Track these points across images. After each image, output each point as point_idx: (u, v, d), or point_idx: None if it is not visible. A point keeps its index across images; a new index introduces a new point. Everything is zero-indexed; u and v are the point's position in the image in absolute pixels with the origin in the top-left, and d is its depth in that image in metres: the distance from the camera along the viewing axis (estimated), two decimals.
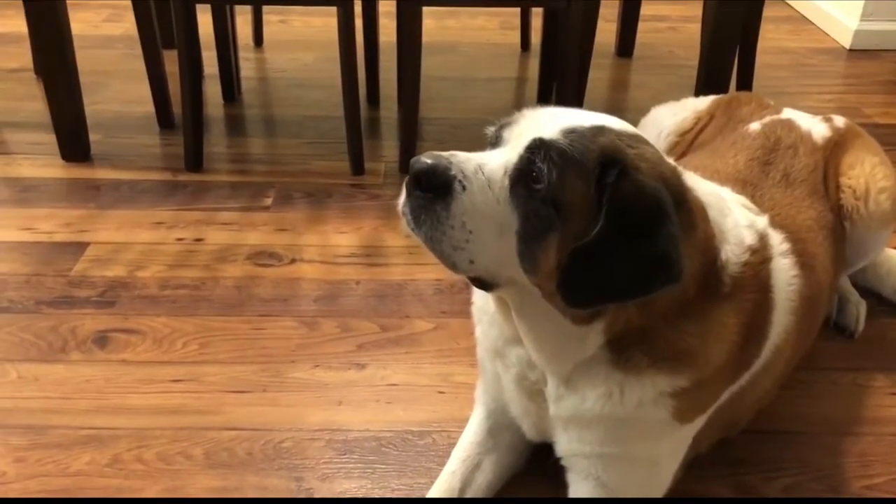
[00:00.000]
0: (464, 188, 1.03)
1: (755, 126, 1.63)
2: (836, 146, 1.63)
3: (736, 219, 1.23)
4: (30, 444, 1.49)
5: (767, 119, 1.66)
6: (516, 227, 1.04)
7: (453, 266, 1.06)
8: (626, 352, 1.13)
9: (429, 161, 1.03)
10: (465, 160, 1.05)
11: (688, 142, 1.78)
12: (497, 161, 1.06)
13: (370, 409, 1.59)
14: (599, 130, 1.07)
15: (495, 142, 1.13)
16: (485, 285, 1.12)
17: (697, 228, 1.10)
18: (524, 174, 1.04)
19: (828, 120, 1.69)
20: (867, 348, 1.78)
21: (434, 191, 1.03)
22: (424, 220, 1.04)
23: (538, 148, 1.03)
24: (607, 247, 1.01)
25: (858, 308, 1.82)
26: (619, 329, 1.11)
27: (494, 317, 1.26)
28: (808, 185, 1.51)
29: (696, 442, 1.31)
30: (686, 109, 1.86)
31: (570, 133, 1.05)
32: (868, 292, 1.91)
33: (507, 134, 1.11)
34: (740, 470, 1.47)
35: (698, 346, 1.14)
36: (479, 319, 1.33)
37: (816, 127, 1.65)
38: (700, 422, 1.27)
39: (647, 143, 1.12)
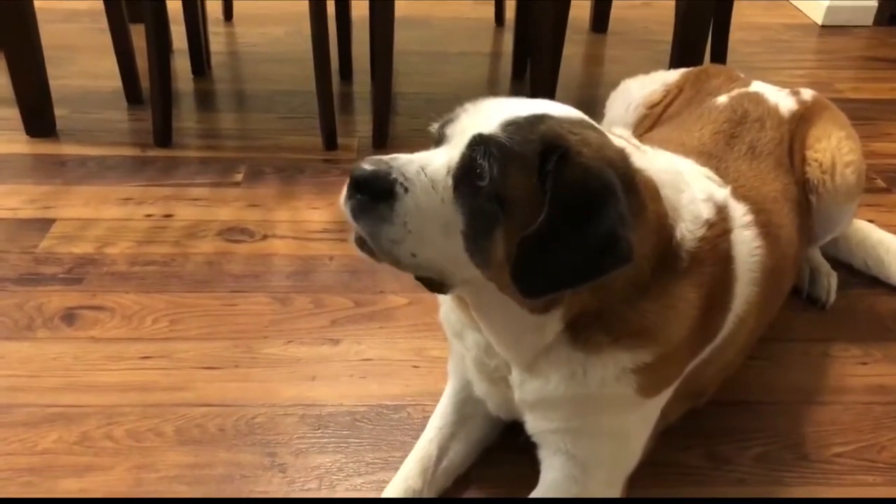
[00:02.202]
0: (406, 190, 1.02)
1: (723, 99, 1.63)
2: (803, 119, 1.64)
3: (693, 194, 1.22)
4: None
5: (735, 92, 1.65)
6: (461, 226, 1.03)
7: (396, 262, 1.06)
8: (584, 332, 1.13)
9: (368, 167, 1.02)
10: (407, 162, 1.05)
11: (656, 115, 1.77)
12: (439, 161, 1.06)
13: (344, 384, 1.58)
14: (539, 119, 1.06)
15: (439, 140, 1.12)
16: (438, 286, 1.11)
17: (647, 209, 1.10)
18: (467, 172, 1.03)
19: (795, 93, 1.69)
20: (838, 319, 1.80)
21: (375, 196, 1.02)
22: (365, 218, 1.03)
23: (479, 144, 1.03)
24: (554, 234, 1.00)
25: (829, 280, 1.84)
26: (577, 313, 1.12)
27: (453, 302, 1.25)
28: (774, 158, 1.51)
29: (663, 414, 1.31)
30: (655, 82, 1.85)
31: (509, 126, 1.04)
32: (839, 264, 1.92)
33: (449, 131, 1.10)
34: (713, 440, 1.48)
35: (659, 323, 1.14)
36: (443, 299, 1.32)
37: (784, 100, 1.65)
38: (666, 394, 1.27)
39: (591, 127, 1.10)
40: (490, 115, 1.07)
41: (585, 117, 1.13)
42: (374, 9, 2.37)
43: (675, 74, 1.85)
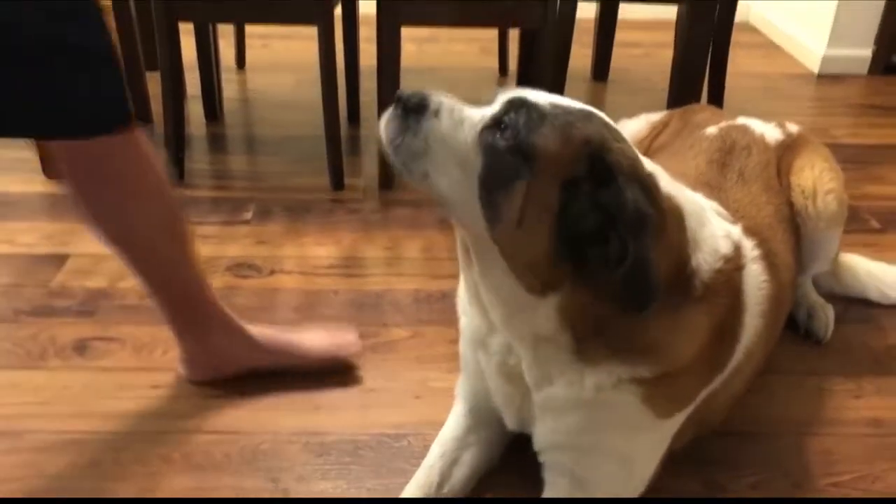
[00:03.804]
0: (436, 115, 1.10)
1: (712, 130, 1.71)
2: (788, 149, 1.71)
3: (713, 229, 1.27)
4: (6, 449, 1.50)
5: (724, 124, 1.73)
6: (479, 170, 1.08)
7: (410, 175, 1.12)
8: (585, 342, 1.16)
9: (415, 90, 1.12)
10: (450, 99, 1.13)
11: (643, 147, 1.84)
12: (477, 112, 1.13)
13: (347, 414, 1.62)
14: (589, 116, 1.12)
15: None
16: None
17: (668, 232, 1.14)
18: (497, 123, 1.09)
19: (781, 125, 1.77)
20: (832, 353, 1.83)
21: (408, 109, 1.10)
22: (393, 128, 1.10)
23: (519, 105, 1.09)
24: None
25: (827, 314, 1.88)
26: (575, 312, 1.13)
27: (475, 308, 1.28)
28: (763, 181, 1.58)
29: (671, 440, 1.34)
30: (640, 121, 1.95)
31: (558, 107, 1.10)
32: (836, 300, 1.96)
33: (499, 97, 1.16)
34: (707, 468, 1.50)
35: (662, 340, 1.17)
36: (464, 310, 1.36)
37: (770, 131, 1.73)
38: (678, 420, 1.30)
39: (628, 142, 1.16)
40: (543, 95, 1.14)
41: (623, 134, 1.18)
42: (381, 54, 2.46)
43: (659, 114, 1.93)
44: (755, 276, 1.34)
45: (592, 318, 1.13)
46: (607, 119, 1.16)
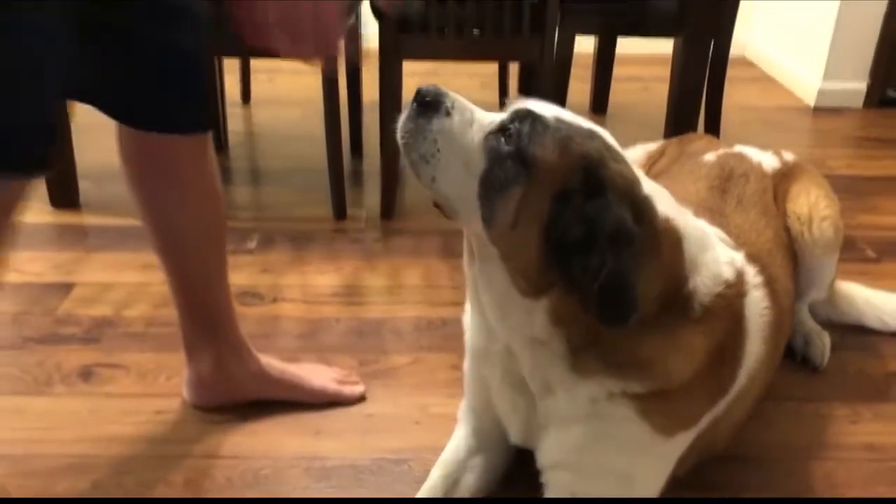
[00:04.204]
0: (448, 114, 1.16)
1: (710, 157, 1.74)
2: (785, 176, 1.75)
3: (716, 254, 1.30)
4: (13, 472, 1.52)
5: (721, 151, 1.78)
6: (481, 172, 1.14)
7: (418, 176, 1.18)
8: (579, 353, 1.19)
9: (433, 87, 1.17)
10: (464, 101, 1.19)
11: None
12: (488, 116, 1.19)
13: (347, 439, 1.63)
14: (591, 134, 1.17)
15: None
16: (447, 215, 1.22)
17: (661, 252, 1.17)
18: (503, 129, 1.15)
19: (777, 154, 1.80)
20: (829, 380, 1.85)
21: (425, 105, 1.16)
22: (408, 129, 1.17)
23: (525, 115, 1.15)
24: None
25: (824, 341, 1.89)
26: (564, 318, 1.16)
27: (475, 311, 1.32)
28: (761, 206, 1.61)
29: (675, 466, 1.35)
30: (638, 151, 1.98)
31: (562, 122, 1.16)
32: (833, 327, 1.98)
33: (510, 106, 1.21)
34: (705, 492, 1.51)
35: (657, 357, 1.20)
36: (468, 326, 1.39)
37: (767, 159, 1.77)
38: (681, 442, 1.31)
39: (628, 164, 1.19)
40: (552, 108, 1.19)
41: (626, 156, 1.23)
42: (383, 88, 2.51)
43: (656, 144, 1.97)
44: (757, 303, 1.36)
45: (584, 327, 1.16)
46: (611, 141, 1.20)
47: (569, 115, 1.19)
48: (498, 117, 1.19)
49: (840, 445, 1.66)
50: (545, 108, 1.18)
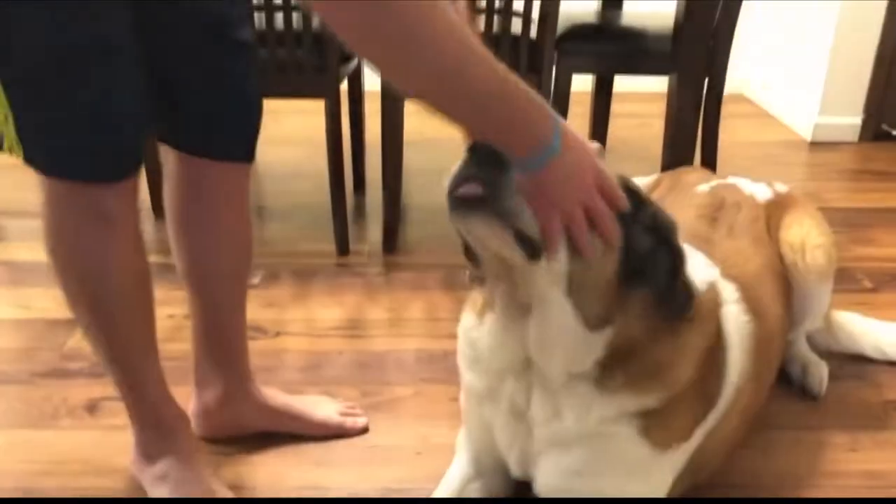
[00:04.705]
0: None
1: (703, 187, 1.78)
2: (778, 206, 1.78)
3: (693, 266, 1.32)
4: None
5: (715, 182, 1.82)
6: None
7: (504, 220, 1.08)
8: (607, 370, 1.23)
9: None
10: None
11: None
12: None
13: (349, 469, 1.65)
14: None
15: None
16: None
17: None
18: None
19: (770, 185, 1.84)
20: (828, 409, 1.86)
21: (487, 162, 1.07)
22: (461, 175, 1.09)
23: None
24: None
25: (821, 370, 1.91)
26: (621, 345, 1.21)
27: (484, 357, 1.33)
28: (752, 235, 1.65)
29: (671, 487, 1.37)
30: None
31: None
32: (832, 357, 1.99)
33: None
34: None
35: (667, 362, 1.25)
36: (468, 367, 1.40)
37: (760, 190, 1.80)
38: (676, 457, 1.33)
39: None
40: None
41: None
42: (385, 128, 2.56)
43: (651, 177, 2.00)
44: (735, 315, 1.40)
45: (630, 343, 1.22)
46: None
47: None
48: None
49: (840, 473, 1.67)
50: None
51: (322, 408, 1.76)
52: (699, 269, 1.38)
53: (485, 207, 1.07)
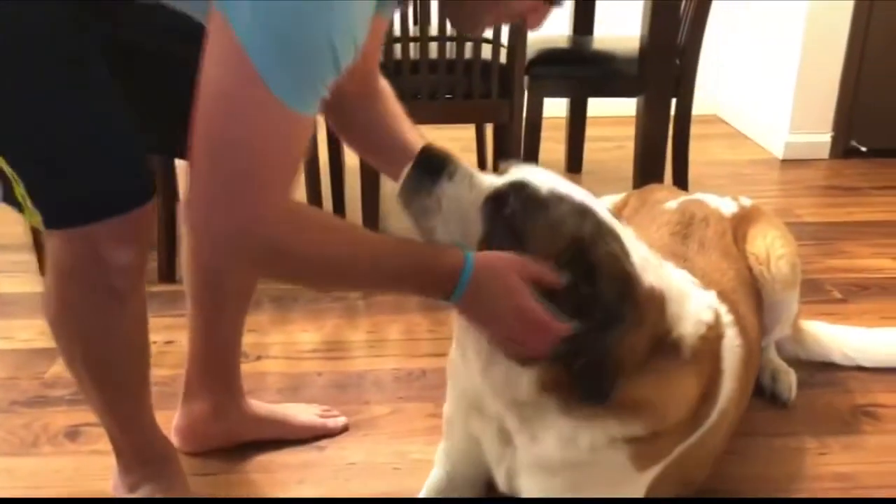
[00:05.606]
0: (451, 178, 1.19)
1: (672, 204, 1.83)
2: (743, 220, 1.83)
3: (697, 302, 1.36)
4: None
5: (682, 198, 1.86)
6: (479, 236, 1.19)
7: (418, 229, 1.23)
8: (574, 400, 1.22)
9: (438, 150, 1.22)
10: (465, 165, 1.23)
11: None
12: (489, 179, 1.23)
13: (329, 486, 1.67)
14: (584, 211, 1.20)
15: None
16: None
17: (646, 320, 1.22)
18: (499, 197, 1.19)
19: (735, 199, 1.89)
20: (798, 415, 1.90)
21: (429, 169, 1.20)
22: (411, 184, 1.22)
23: (520, 188, 1.19)
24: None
25: (790, 378, 1.95)
26: (552, 385, 1.21)
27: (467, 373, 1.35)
28: (721, 249, 1.69)
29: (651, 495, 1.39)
30: (605, 202, 2.05)
31: (556, 196, 1.19)
32: (802, 365, 2.04)
33: (511, 170, 1.26)
34: None
35: (655, 400, 1.25)
36: (457, 377, 1.43)
37: (725, 204, 1.85)
38: (653, 473, 1.35)
39: (619, 241, 1.22)
40: (548, 178, 1.23)
41: (618, 228, 1.25)
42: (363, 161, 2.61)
43: (619, 195, 2.05)
44: (731, 341, 1.42)
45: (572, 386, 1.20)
46: (603, 213, 1.24)
47: (564, 187, 1.23)
48: (498, 181, 1.22)
49: (811, 476, 1.70)
50: (541, 179, 1.22)
51: (302, 412, 1.82)
52: (702, 297, 1.39)
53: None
